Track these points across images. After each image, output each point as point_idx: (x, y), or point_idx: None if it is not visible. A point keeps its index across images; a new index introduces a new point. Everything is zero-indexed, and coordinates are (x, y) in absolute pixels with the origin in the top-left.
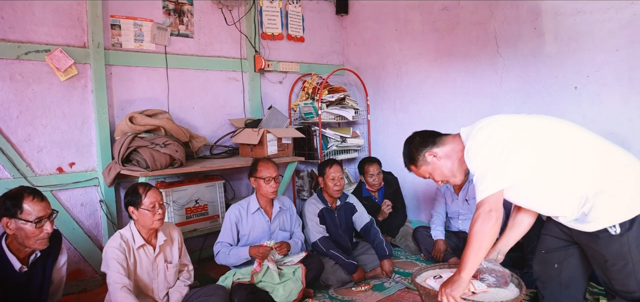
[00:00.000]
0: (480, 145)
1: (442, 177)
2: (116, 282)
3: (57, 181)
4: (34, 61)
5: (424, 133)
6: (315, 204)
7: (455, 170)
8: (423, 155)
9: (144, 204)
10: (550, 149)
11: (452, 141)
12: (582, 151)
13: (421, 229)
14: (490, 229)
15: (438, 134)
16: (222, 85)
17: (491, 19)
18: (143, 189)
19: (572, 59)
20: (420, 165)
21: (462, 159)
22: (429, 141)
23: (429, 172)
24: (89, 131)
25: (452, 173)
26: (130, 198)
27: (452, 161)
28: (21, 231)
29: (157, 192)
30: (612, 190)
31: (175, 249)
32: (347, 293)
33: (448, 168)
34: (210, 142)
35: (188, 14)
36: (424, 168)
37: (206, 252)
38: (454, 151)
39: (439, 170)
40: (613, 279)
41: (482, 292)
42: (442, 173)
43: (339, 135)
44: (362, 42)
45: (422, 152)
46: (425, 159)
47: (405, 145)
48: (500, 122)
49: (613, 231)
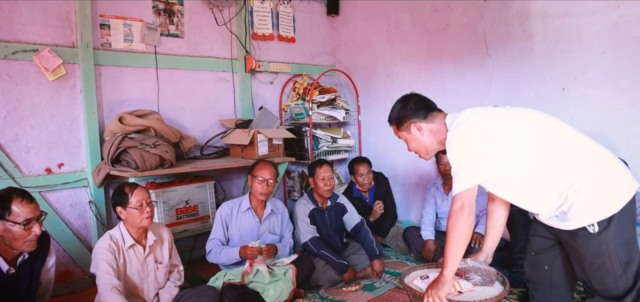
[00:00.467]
0: (459, 138)
1: (416, 150)
2: (106, 283)
3: (45, 182)
4: (21, 61)
5: (420, 100)
6: (306, 205)
7: (430, 149)
8: (409, 123)
9: (131, 203)
10: (528, 145)
11: (439, 121)
12: (560, 147)
13: (411, 229)
14: (463, 224)
15: (431, 107)
16: (213, 86)
17: (481, 21)
18: (129, 188)
19: (560, 61)
20: (402, 130)
21: (440, 142)
22: (421, 112)
23: (406, 139)
24: (78, 132)
25: (426, 150)
26: (117, 198)
27: (431, 140)
28: (9, 232)
29: (144, 190)
30: (590, 187)
31: (165, 249)
32: (337, 293)
33: (424, 145)
34: (200, 143)
35: (178, 14)
36: (404, 134)
37: (197, 252)
38: (438, 132)
39: (416, 143)
40: (592, 278)
41: (469, 290)
42: (418, 147)
43: (330, 135)
44: (352, 43)
45: (410, 120)
46: (409, 128)
47: (399, 104)
48: (480, 116)
49: (591, 230)
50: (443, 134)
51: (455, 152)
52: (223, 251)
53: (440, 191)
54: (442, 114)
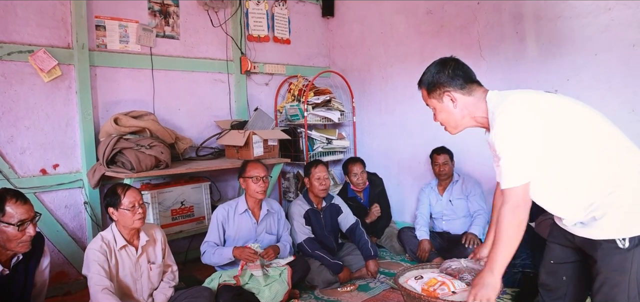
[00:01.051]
0: (511, 126)
1: (443, 122)
2: (97, 284)
3: (40, 183)
4: (16, 62)
5: (460, 67)
6: (301, 205)
7: (460, 124)
8: (443, 90)
9: (123, 204)
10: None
11: (478, 95)
12: (610, 149)
13: (406, 229)
14: (518, 225)
15: (471, 78)
16: (208, 87)
17: (475, 23)
18: (121, 189)
19: (552, 63)
20: (432, 96)
21: (474, 118)
22: (459, 81)
23: (435, 107)
24: (73, 133)
25: (455, 125)
26: (109, 199)
27: (464, 115)
28: (3, 233)
29: (136, 191)
30: (633, 198)
31: (158, 250)
32: (332, 294)
33: (455, 119)
34: (196, 144)
35: (174, 16)
36: (434, 102)
37: (192, 253)
38: (474, 107)
39: (446, 114)
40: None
41: (462, 290)
42: (447, 119)
43: (325, 137)
44: (347, 45)
45: (445, 88)
46: (441, 96)
47: (435, 67)
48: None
49: (621, 244)
50: (480, 111)
51: (506, 141)
52: (216, 251)
53: (434, 192)
54: (482, 89)
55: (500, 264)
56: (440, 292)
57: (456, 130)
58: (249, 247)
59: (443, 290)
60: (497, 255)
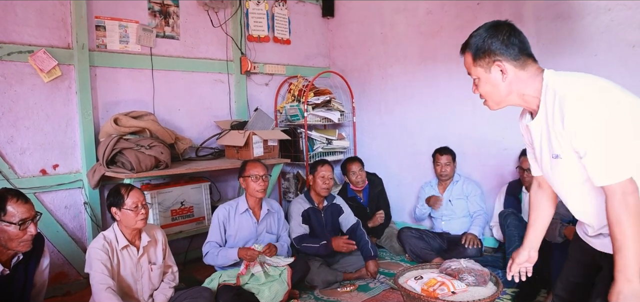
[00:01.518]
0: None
1: (485, 95)
2: (100, 283)
3: (40, 183)
4: (16, 62)
5: (516, 34)
6: (301, 204)
7: (504, 101)
8: (493, 59)
9: (126, 204)
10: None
11: (532, 71)
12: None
13: (406, 230)
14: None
15: (526, 50)
16: (208, 87)
17: (475, 23)
18: (125, 189)
19: (552, 63)
20: (478, 64)
21: (521, 96)
22: (513, 50)
23: (479, 77)
24: (73, 133)
25: (498, 100)
26: (112, 199)
27: (510, 90)
28: (4, 233)
29: (140, 192)
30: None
31: (159, 250)
32: (332, 294)
33: (500, 94)
34: (195, 144)
35: (174, 16)
36: (479, 71)
37: (192, 254)
38: (525, 84)
39: (491, 87)
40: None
41: (462, 291)
42: (490, 93)
43: (325, 137)
44: (347, 45)
45: (496, 56)
46: (489, 65)
47: (487, 30)
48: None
49: None
50: (532, 90)
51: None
52: (221, 252)
53: (434, 191)
54: (537, 65)
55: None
56: (440, 293)
57: (498, 107)
58: (253, 249)
59: (443, 290)
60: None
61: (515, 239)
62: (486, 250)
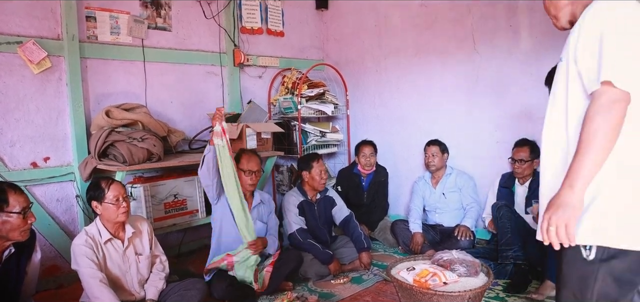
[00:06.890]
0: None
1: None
2: (91, 277)
3: (31, 176)
4: (5, 53)
5: None
6: (296, 197)
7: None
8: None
9: (107, 197)
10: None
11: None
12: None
13: (399, 222)
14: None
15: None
16: (201, 80)
17: (468, 16)
18: (105, 182)
19: (546, 56)
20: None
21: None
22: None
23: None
24: (64, 125)
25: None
26: (92, 193)
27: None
28: (7, 223)
29: (120, 185)
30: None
31: (145, 241)
32: (325, 286)
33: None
34: (188, 137)
35: (166, 7)
36: None
37: (185, 246)
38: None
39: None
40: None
41: (454, 281)
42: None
43: (319, 130)
44: (341, 38)
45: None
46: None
47: None
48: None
49: (585, 253)
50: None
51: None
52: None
53: (428, 184)
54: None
55: (583, 176)
56: (432, 283)
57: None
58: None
59: (435, 281)
60: (580, 165)
61: (508, 231)
62: (479, 242)
